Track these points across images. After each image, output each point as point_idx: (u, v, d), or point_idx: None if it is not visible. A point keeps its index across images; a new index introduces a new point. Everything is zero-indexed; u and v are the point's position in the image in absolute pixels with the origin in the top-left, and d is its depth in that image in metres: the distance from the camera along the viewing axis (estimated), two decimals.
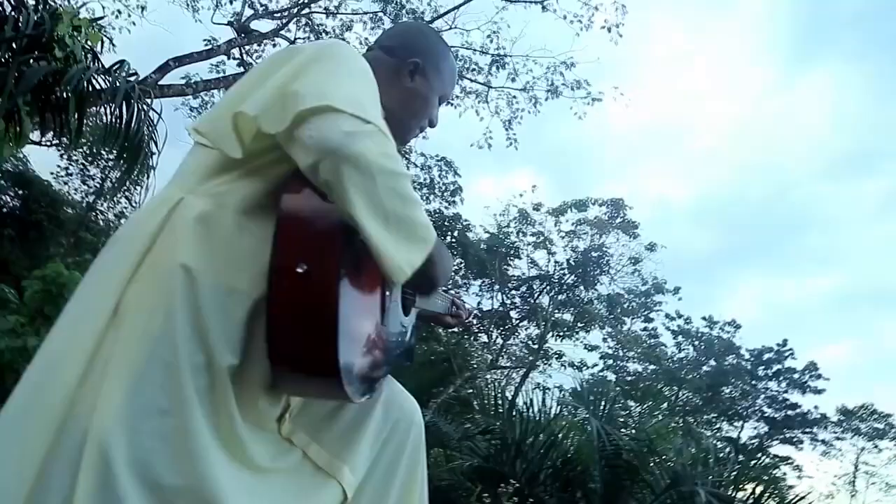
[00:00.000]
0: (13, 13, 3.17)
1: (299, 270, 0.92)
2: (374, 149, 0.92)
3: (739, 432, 21.63)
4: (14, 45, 3.03)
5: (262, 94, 0.99)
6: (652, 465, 5.11)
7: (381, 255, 0.93)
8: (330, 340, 0.92)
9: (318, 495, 1.12)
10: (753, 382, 21.35)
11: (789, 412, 21.37)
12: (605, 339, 18.82)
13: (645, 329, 20.12)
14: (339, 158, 0.90)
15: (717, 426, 21.29)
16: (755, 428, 22.09)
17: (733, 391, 21.22)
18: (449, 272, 1.18)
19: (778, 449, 21.55)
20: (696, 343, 21.12)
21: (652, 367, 19.59)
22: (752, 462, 5.49)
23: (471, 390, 13.43)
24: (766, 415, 21.69)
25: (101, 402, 0.88)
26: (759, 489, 4.95)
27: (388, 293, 1.20)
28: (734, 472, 5.17)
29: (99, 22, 3.70)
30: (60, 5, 3.53)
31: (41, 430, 0.88)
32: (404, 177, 0.97)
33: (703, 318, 21.16)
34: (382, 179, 0.92)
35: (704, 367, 20.98)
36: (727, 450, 9.12)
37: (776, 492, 5.18)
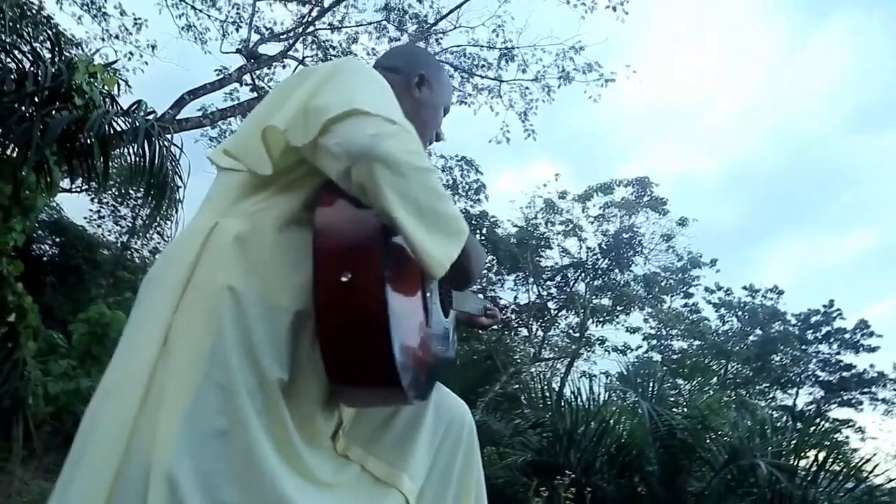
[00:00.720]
0: (32, 68, 3.26)
1: (344, 279, 0.93)
2: (402, 146, 0.93)
3: (795, 399, 21.21)
4: (36, 99, 3.11)
5: (287, 110, 1.00)
6: (708, 441, 5.04)
7: (419, 250, 0.95)
8: (384, 345, 0.92)
9: None
10: (803, 347, 20.91)
11: (844, 374, 20.89)
12: (646, 320, 18.63)
13: (686, 305, 19.88)
14: (369, 160, 0.91)
15: (771, 395, 20.89)
16: (810, 393, 21.66)
17: (783, 358, 20.80)
18: (483, 264, 1.19)
19: (837, 412, 21.06)
20: (740, 314, 20.79)
21: (697, 342, 19.31)
22: (812, 428, 5.35)
23: (517, 385, 13.38)
24: (821, 379, 21.24)
25: (161, 429, 0.89)
26: (821, 455, 4.83)
27: (428, 295, 1.20)
28: (794, 441, 5.05)
29: (113, 66, 3.78)
30: (75, 55, 3.62)
31: (105, 463, 0.89)
32: (433, 172, 0.98)
33: (744, 288, 20.82)
34: (414, 175, 0.94)
35: (751, 337, 20.61)
36: (784, 419, 8.95)
37: (840, 457, 5.04)
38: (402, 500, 1.14)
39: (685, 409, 6.06)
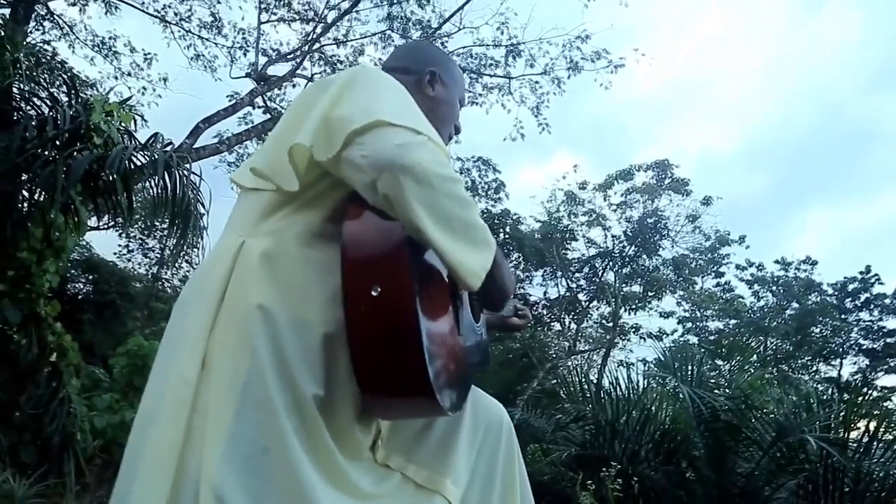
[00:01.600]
0: (51, 113, 3.34)
1: (374, 293, 0.92)
2: (429, 157, 0.93)
3: (839, 370, 20.78)
4: (57, 142, 3.18)
5: (309, 125, 1.00)
6: (753, 421, 4.95)
7: (452, 262, 0.94)
8: (417, 357, 0.92)
9: None
10: (843, 317, 20.49)
11: (888, 340, 20.41)
12: (678, 303, 18.43)
13: (718, 285, 19.63)
14: (396, 171, 0.90)
15: (814, 369, 20.50)
16: (855, 363, 21.19)
17: (823, 330, 20.39)
18: (513, 277, 1.18)
19: (885, 380, 20.57)
20: (774, 288, 20.44)
21: (733, 321, 19.05)
22: (860, 399, 5.22)
23: (554, 381, 13.33)
24: (864, 347, 20.77)
25: (206, 450, 0.91)
26: (872, 426, 4.72)
27: (458, 303, 1.20)
28: (842, 413, 4.94)
29: (128, 103, 3.86)
30: (91, 95, 3.70)
31: (156, 489, 0.90)
32: (459, 182, 0.97)
33: (777, 262, 20.49)
34: (441, 186, 0.93)
35: (788, 311, 20.26)
36: (830, 391, 8.77)
37: (892, 425, 4.92)
38: None
39: (727, 390, 5.97)
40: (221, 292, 1.00)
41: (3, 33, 3.33)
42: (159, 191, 3.40)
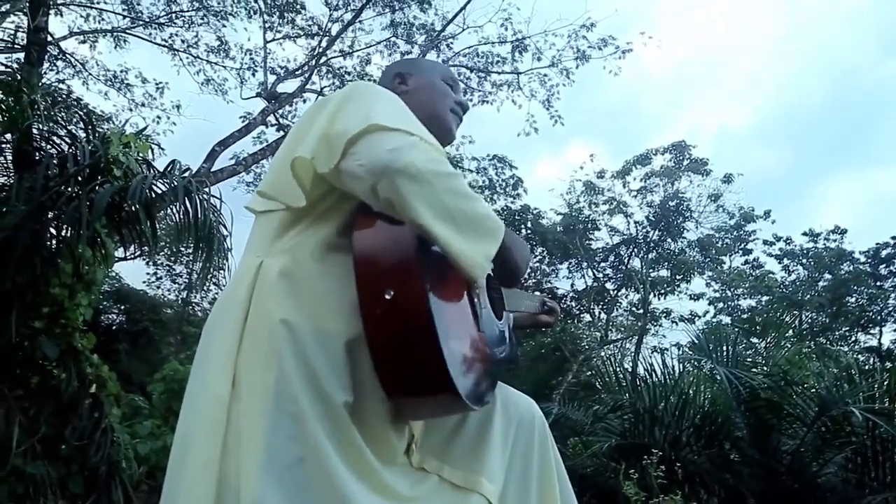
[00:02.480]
0: (70, 149, 3.41)
1: (387, 297, 0.95)
2: (422, 156, 0.95)
3: (879, 339, 20.29)
4: (79, 178, 3.24)
5: (310, 140, 1.03)
6: (794, 396, 4.87)
7: (455, 256, 0.96)
8: (436, 357, 0.94)
9: None
10: (878, 284, 20.01)
11: None
12: (708, 284, 18.23)
13: (746, 262, 19.35)
14: (392, 174, 0.93)
15: (853, 339, 20.04)
16: (895, 330, 20.72)
17: (859, 298, 19.93)
18: (527, 256, 1.19)
19: None
20: (805, 261, 20.05)
21: (765, 298, 18.74)
22: None
23: (589, 372, 13.25)
24: None
25: (243, 465, 0.93)
26: None
27: (476, 300, 1.21)
28: (885, 382, 4.85)
29: (144, 133, 3.92)
30: (107, 129, 3.77)
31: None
32: (457, 175, 0.99)
33: (805, 234, 20.06)
34: (438, 182, 0.95)
35: (820, 283, 19.86)
36: (871, 361, 8.60)
37: None
38: (484, 503, 1.14)
39: (765, 368, 5.87)
40: (245, 312, 1.03)
41: (19, 77, 3.41)
42: (181, 217, 3.44)
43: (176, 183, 3.38)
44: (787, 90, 34.18)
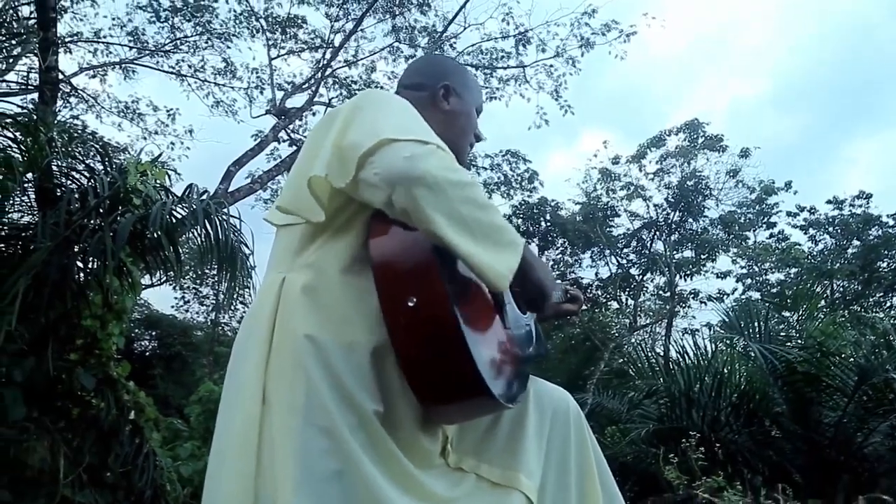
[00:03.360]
0: (90, 183, 3.47)
1: (410, 305, 0.94)
2: (438, 164, 0.95)
3: None
4: (101, 210, 3.29)
5: (323, 156, 1.03)
6: (832, 367, 4.79)
7: (475, 264, 0.95)
8: (465, 358, 0.93)
9: None
10: None
11: None
12: (734, 261, 18.00)
13: (771, 236, 19.05)
14: (408, 183, 0.93)
15: (888, 304, 19.65)
16: None
17: (890, 263, 19.54)
18: (550, 273, 1.18)
19: None
20: (831, 229, 19.70)
21: (793, 270, 18.45)
22: None
23: (621, 360, 13.16)
24: None
25: (279, 482, 0.93)
26: None
27: (500, 298, 1.21)
28: None
29: (159, 160, 3.98)
30: (124, 160, 3.83)
31: None
32: (474, 185, 0.99)
33: (829, 202, 19.70)
34: (454, 191, 0.94)
35: (849, 251, 19.50)
36: None
37: None
38: (523, 499, 1.15)
39: (799, 341, 5.80)
40: (271, 329, 1.04)
41: (35, 117, 3.48)
42: (203, 239, 3.48)
43: (195, 206, 3.42)
44: (799, 56, 33.60)
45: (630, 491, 4.98)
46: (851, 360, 4.94)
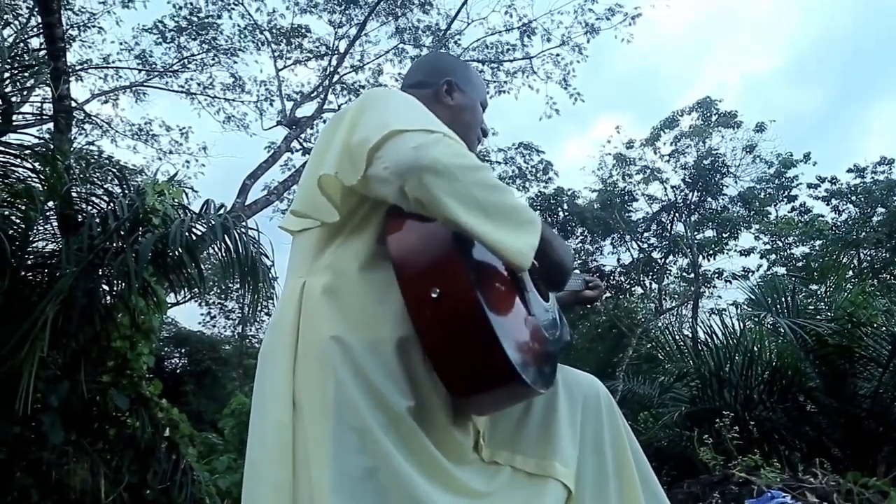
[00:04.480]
0: (109, 206, 3.52)
1: (433, 296, 0.94)
2: (446, 151, 0.95)
3: None
4: (121, 232, 3.34)
5: (332, 155, 1.04)
6: (864, 338, 4.71)
7: (496, 246, 0.95)
8: (494, 346, 0.93)
9: (542, 498, 1.12)
10: None
11: None
12: (756, 238, 17.75)
13: (793, 209, 18.76)
14: (418, 172, 0.92)
15: None
16: None
17: None
18: (570, 252, 1.18)
19: None
20: (854, 198, 19.36)
21: (818, 242, 18.18)
22: None
23: (649, 344, 13.06)
24: None
25: (315, 485, 0.94)
26: None
27: (521, 285, 1.20)
28: None
29: (175, 179, 4.03)
30: (141, 181, 3.88)
31: None
32: (485, 168, 0.98)
33: (850, 171, 19.37)
34: (465, 176, 0.94)
35: (875, 218, 19.15)
36: None
37: None
38: (560, 487, 1.14)
39: (829, 314, 5.72)
40: (295, 335, 1.04)
41: (52, 146, 3.54)
42: (224, 254, 3.52)
43: (213, 222, 3.45)
44: (810, 24, 32.96)
45: (667, 475, 4.94)
46: (884, 328, 4.86)
